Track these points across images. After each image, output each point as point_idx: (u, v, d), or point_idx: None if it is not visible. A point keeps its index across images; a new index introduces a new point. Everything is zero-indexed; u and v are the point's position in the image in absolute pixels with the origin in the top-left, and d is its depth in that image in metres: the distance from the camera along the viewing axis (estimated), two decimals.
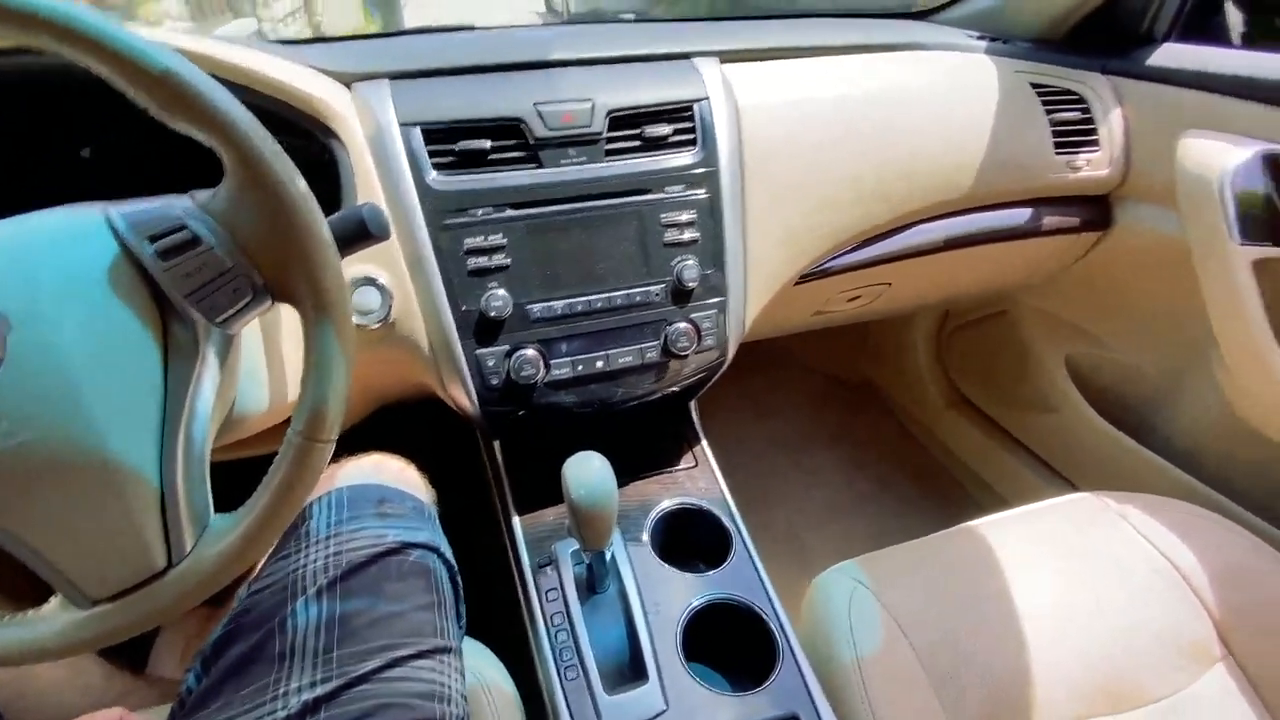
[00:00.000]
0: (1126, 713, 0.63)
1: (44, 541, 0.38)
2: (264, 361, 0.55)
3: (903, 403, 1.45)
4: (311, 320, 0.41)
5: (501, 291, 0.63)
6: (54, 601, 0.41)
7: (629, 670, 0.59)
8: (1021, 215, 0.89)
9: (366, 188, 0.62)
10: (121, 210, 0.39)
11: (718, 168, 0.69)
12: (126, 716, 0.46)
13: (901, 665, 0.62)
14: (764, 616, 0.63)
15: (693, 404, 0.85)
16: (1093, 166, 0.87)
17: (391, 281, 0.62)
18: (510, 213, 0.63)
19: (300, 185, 0.39)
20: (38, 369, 0.37)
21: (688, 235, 0.68)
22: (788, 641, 0.61)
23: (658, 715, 0.54)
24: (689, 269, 0.67)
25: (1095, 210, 0.91)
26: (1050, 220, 0.90)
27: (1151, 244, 0.89)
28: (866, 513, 1.28)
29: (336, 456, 0.44)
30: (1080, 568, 0.71)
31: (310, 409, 0.41)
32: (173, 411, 0.40)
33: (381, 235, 0.47)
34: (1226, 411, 0.85)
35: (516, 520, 0.71)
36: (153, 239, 0.39)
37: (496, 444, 0.78)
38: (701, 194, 0.68)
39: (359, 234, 0.45)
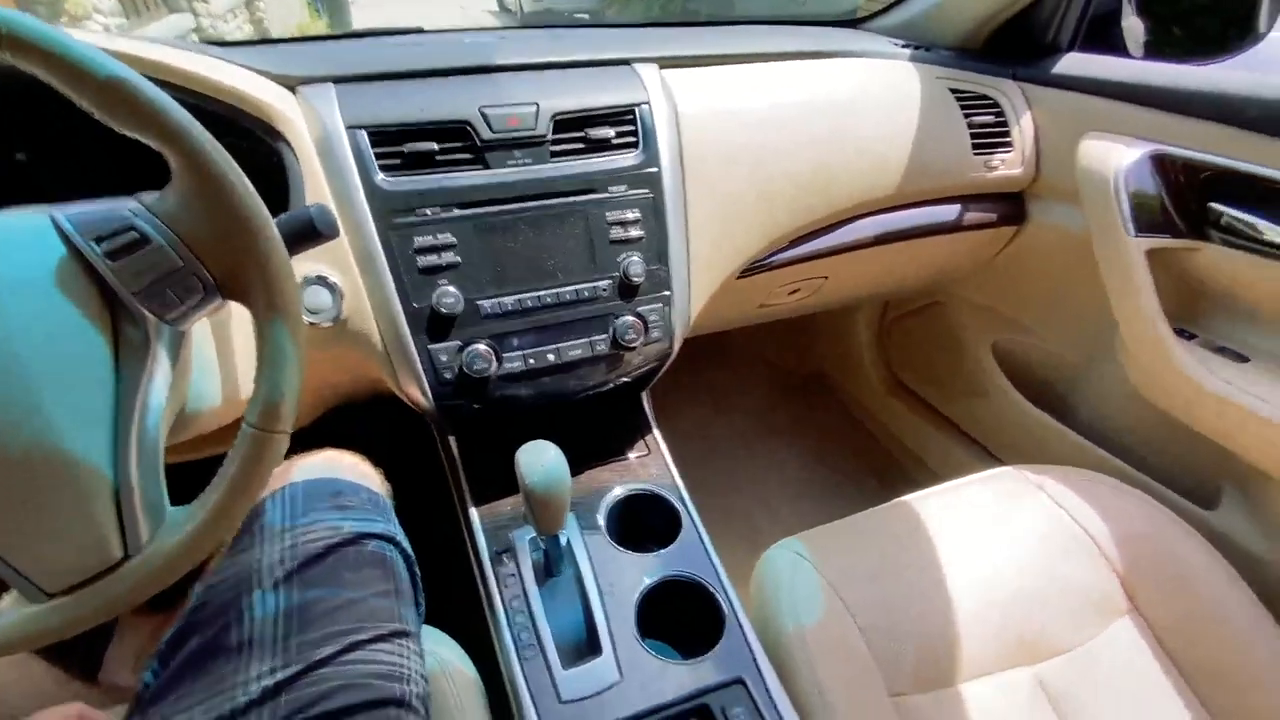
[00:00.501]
0: (1044, 661, 0.69)
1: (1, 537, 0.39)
2: (215, 357, 0.56)
3: (849, 390, 1.52)
4: (263, 317, 0.43)
5: (452, 289, 0.65)
6: (7, 597, 0.42)
7: (585, 647, 0.62)
8: (945, 212, 0.95)
9: (315, 189, 0.63)
10: (67, 213, 0.40)
11: (659, 168, 0.72)
12: (85, 712, 0.46)
13: (840, 632, 0.67)
14: (711, 590, 0.66)
15: (645, 395, 0.88)
16: (1007, 166, 0.94)
17: (342, 280, 0.63)
18: (458, 212, 0.65)
19: (248, 187, 0.41)
20: None
21: (633, 233, 0.71)
22: (734, 611, 0.64)
23: (612, 685, 0.57)
24: (634, 264, 0.70)
25: (1011, 207, 0.99)
26: (971, 216, 0.96)
27: (1060, 238, 0.97)
28: (816, 495, 1.34)
29: (290, 453, 0.46)
30: (1002, 535, 0.77)
31: (264, 401, 0.43)
32: (125, 407, 0.41)
33: (330, 234, 0.49)
34: (1131, 390, 0.93)
35: (474, 511, 0.73)
36: (100, 239, 0.40)
37: (452, 438, 0.79)
38: (645, 193, 0.72)
39: (307, 233, 0.47)
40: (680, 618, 0.67)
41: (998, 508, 0.81)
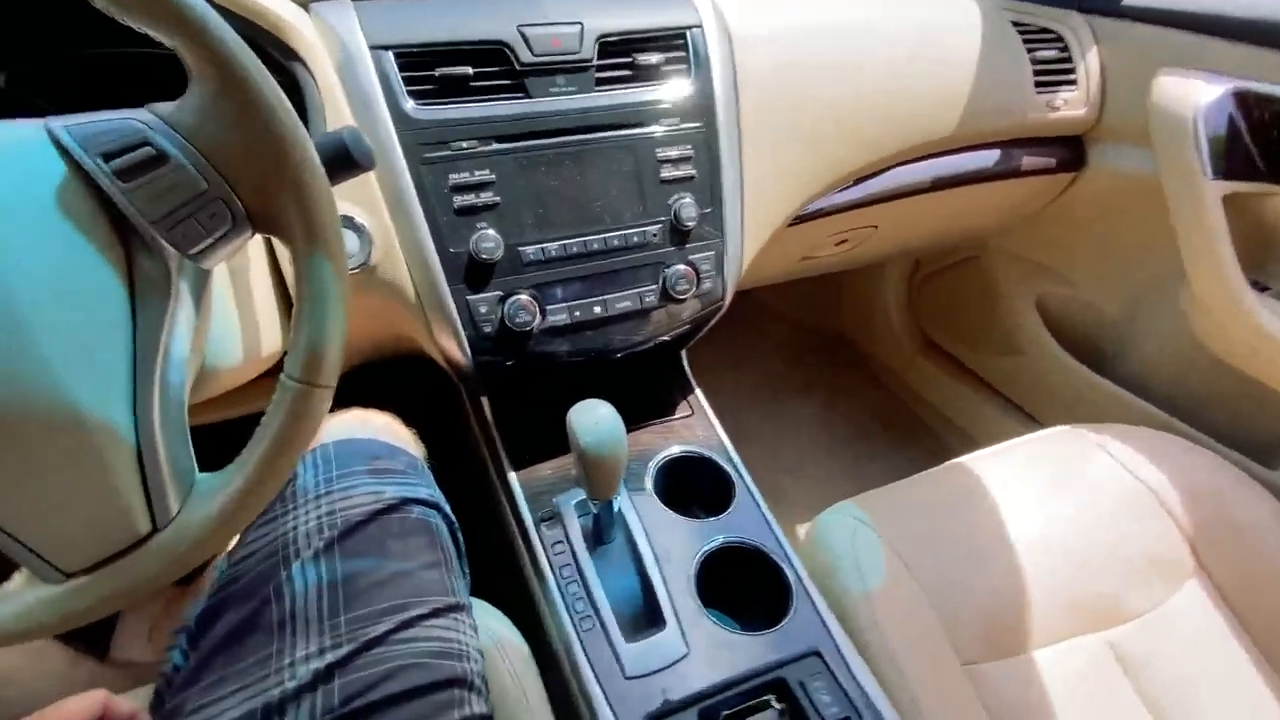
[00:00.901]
0: (1116, 627, 0.66)
1: (3, 512, 0.33)
2: (235, 309, 0.50)
3: (874, 352, 1.47)
4: (303, 252, 0.37)
5: (492, 232, 0.59)
6: (17, 578, 0.36)
7: (644, 618, 0.57)
8: (1003, 156, 0.89)
9: (336, 119, 0.56)
10: (67, 124, 0.33)
11: (713, 100, 0.66)
12: (109, 700, 0.42)
13: (907, 596, 0.63)
14: (775, 558, 0.62)
15: (684, 354, 0.83)
16: (1070, 106, 0.88)
17: (370, 222, 0.57)
18: (497, 146, 0.59)
19: (281, 97, 0.34)
20: None
21: (684, 171, 0.65)
22: (801, 581, 0.60)
23: (680, 659, 0.53)
24: (686, 207, 0.64)
25: (1070, 151, 0.93)
26: (1029, 161, 0.90)
27: (1121, 184, 0.92)
28: (841, 458, 1.30)
29: None
30: (1062, 496, 0.74)
31: (306, 350, 0.37)
32: (144, 356, 0.35)
33: (366, 164, 0.42)
34: (1187, 343, 0.89)
35: (513, 476, 0.68)
36: (108, 156, 0.33)
37: (484, 400, 0.74)
38: (697, 127, 0.65)
39: (342, 161, 0.40)
40: (735, 586, 0.63)
41: (1058, 468, 0.77)
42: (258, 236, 0.58)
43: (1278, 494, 0.74)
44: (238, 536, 0.53)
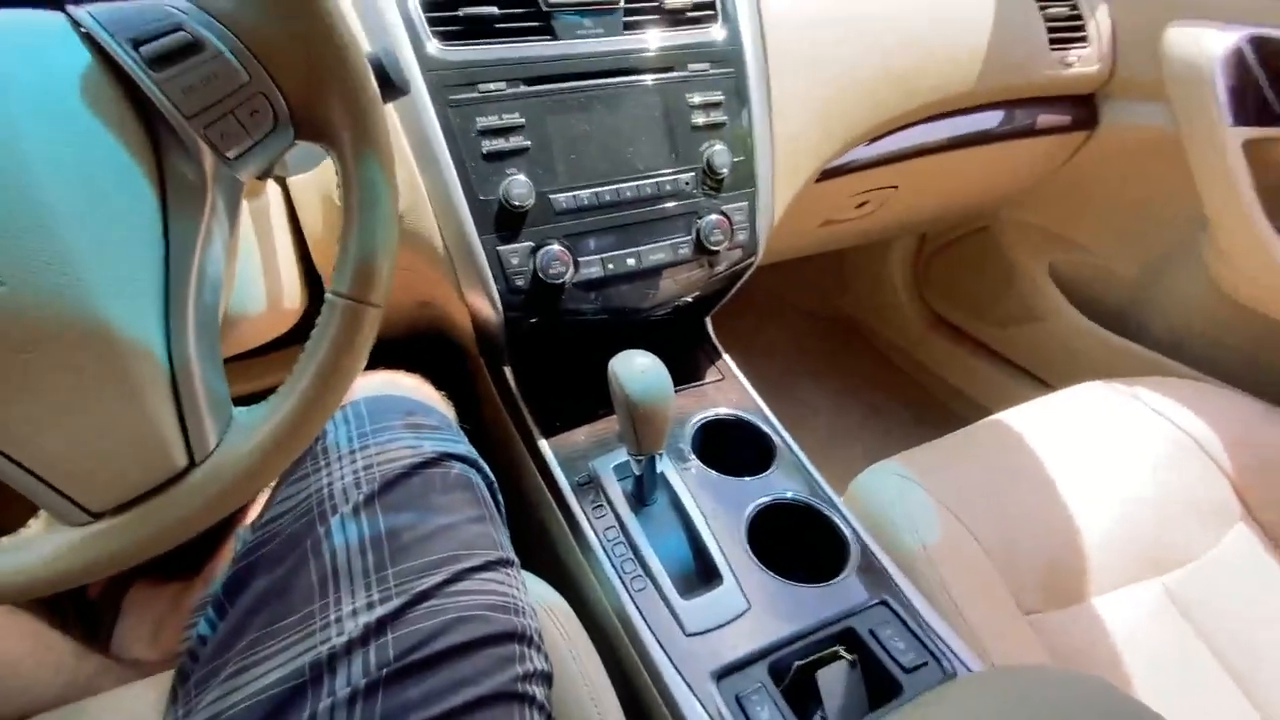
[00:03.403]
0: (1170, 572, 0.65)
1: (21, 441, 0.29)
2: (257, 251, 0.47)
3: (882, 332, 1.46)
4: (352, 155, 0.34)
5: (522, 178, 0.56)
6: (35, 523, 0.33)
7: (697, 576, 0.54)
8: (1017, 115, 0.89)
9: None
10: (90, 8, 0.30)
11: (741, 47, 0.64)
12: None
13: (964, 549, 0.61)
14: (824, 512, 0.60)
15: (708, 321, 0.81)
16: (1083, 63, 0.88)
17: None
18: (525, 88, 0.56)
19: None
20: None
21: (716, 117, 0.63)
22: (856, 534, 0.58)
23: (742, 613, 0.50)
24: (719, 154, 0.62)
25: (1083, 110, 0.93)
26: (1043, 119, 0.90)
27: (1135, 140, 0.92)
28: (861, 440, 1.28)
29: None
30: (1104, 446, 0.72)
31: (357, 263, 0.34)
32: (178, 271, 0.32)
33: (403, 87, 0.40)
34: (1211, 297, 0.89)
35: (544, 443, 0.65)
36: (138, 44, 0.30)
37: (508, 368, 0.71)
38: (728, 73, 0.63)
39: (378, 82, 0.38)
40: (786, 545, 0.60)
41: (1094, 420, 0.76)
42: (275, 190, 0.56)
43: None
44: (262, 499, 0.50)
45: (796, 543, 0.60)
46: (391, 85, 0.39)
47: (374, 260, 0.34)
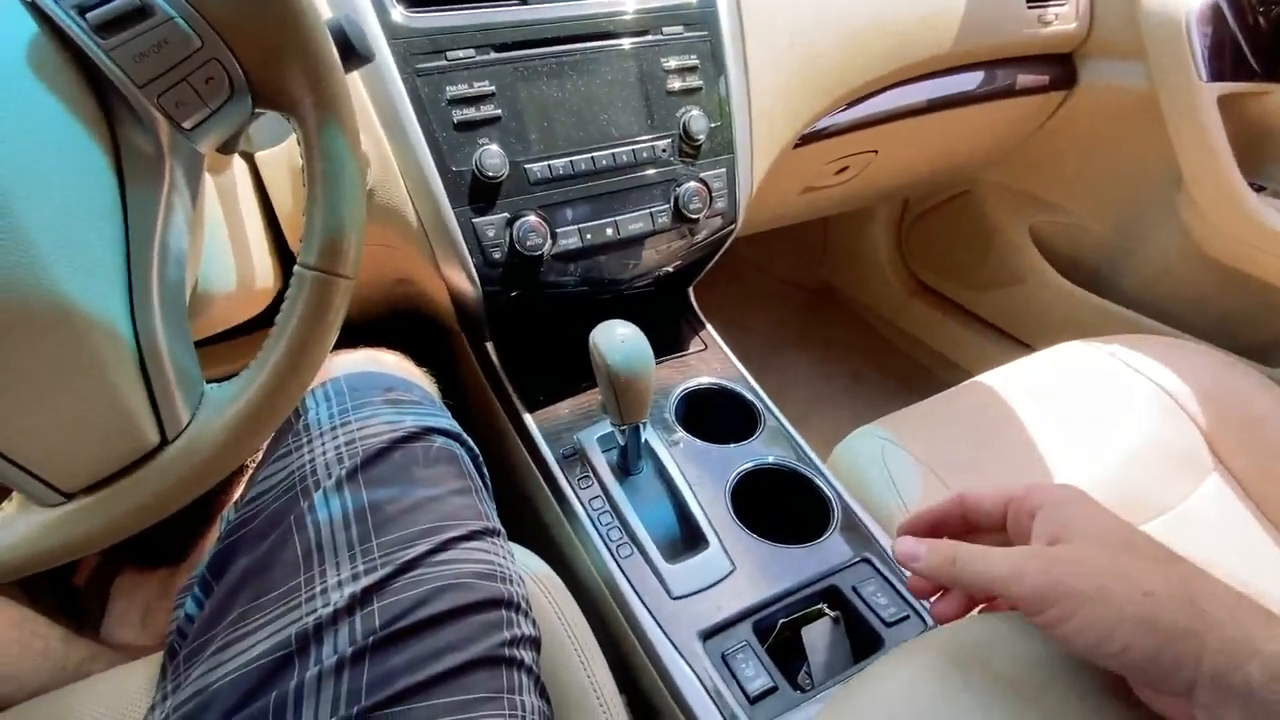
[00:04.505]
0: (1147, 524, 0.66)
1: None
2: (225, 229, 0.46)
3: (865, 300, 1.47)
4: (314, 123, 0.33)
5: (495, 147, 0.55)
6: (9, 504, 0.32)
7: (683, 542, 0.55)
8: (996, 76, 0.88)
9: None
10: None
11: (715, 6, 0.63)
12: None
13: None
14: (808, 475, 0.60)
15: (690, 291, 0.81)
16: (1061, 21, 0.87)
17: (364, 141, 0.53)
18: (495, 55, 0.55)
19: None
20: None
21: (691, 82, 0.62)
22: (839, 495, 0.59)
23: (727, 575, 0.51)
24: (695, 119, 0.61)
25: (1061, 69, 0.93)
26: (1023, 80, 0.90)
27: (1112, 99, 0.92)
28: (845, 406, 1.30)
29: None
30: (1081, 403, 0.74)
31: (323, 233, 0.33)
32: (138, 246, 0.31)
33: (366, 55, 0.39)
34: (1186, 254, 0.90)
35: (529, 417, 0.65)
36: (83, 10, 0.29)
37: (490, 345, 0.70)
38: (702, 35, 0.62)
39: (340, 50, 0.37)
40: (769, 510, 0.61)
41: (1071, 378, 0.77)
42: (243, 167, 0.54)
43: None
44: (244, 481, 0.49)
45: (780, 506, 0.61)
46: (354, 53, 0.38)
47: (342, 231, 0.33)
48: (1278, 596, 0.63)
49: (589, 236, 0.60)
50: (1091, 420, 0.72)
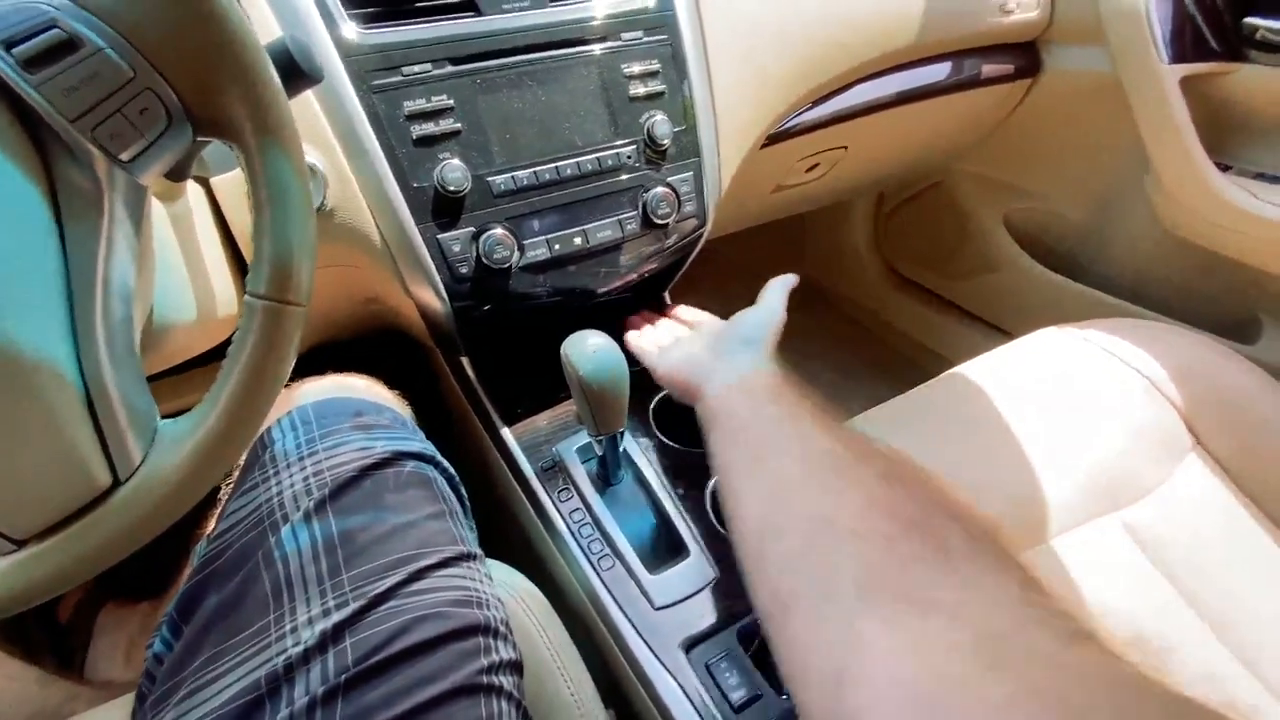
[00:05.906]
0: (1127, 507, 0.67)
1: None
2: (181, 258, 0.45)
3: (844, 293, 1.47)
4: (256, 149, 0.32)
5: (456, 161, 0.54)
6: None
7: (665, 551, 0.55)
8: (962, 66, 0.88)
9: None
10: None
11: (674, 10, 0.62)
12: None
13: None
14: None
15: (667, 295, 0.80)
16: (1022, 9, 0.87)
17: (323, 161, 0.52)
18: (451, 69, 0.54)
19: None
20: None
21: (654, 87, 0.61)
22: None
23: (709, 584, 0.51)
24: (660, 124, 0.61)
25: (1025, 57, 0.93)
26: (988, 69, 0.90)
27: (1077, 85, 0.92)
28: (830, 400, 1.29)
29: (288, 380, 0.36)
30: (1058, 389, 0.74)
31: (272, 263, 0.33)
32: (81, 286, 0.30)
33: (314, 75, 0.38)
34: (1156, 236, 0.91)
35: (506, 431, 0.64)
36: (9, 45, 0.28)
37: (465, 360, 0.69)
38: (662, 40, 0.62)
39: (287, 74, 0.36)
40: None
41: (1048, 365, 0.78)
42: (198, 192, 0.53)
43: (1260, 365, 0.76)
44: (213, 518, 0.48)
45: None
46: (300, 73, 0.37)
47: (289, 257, 0.33)
48: (1259, 571, 0.64)
49: (557, 247, 0.60)
50: (1069, 407, 0.72)
